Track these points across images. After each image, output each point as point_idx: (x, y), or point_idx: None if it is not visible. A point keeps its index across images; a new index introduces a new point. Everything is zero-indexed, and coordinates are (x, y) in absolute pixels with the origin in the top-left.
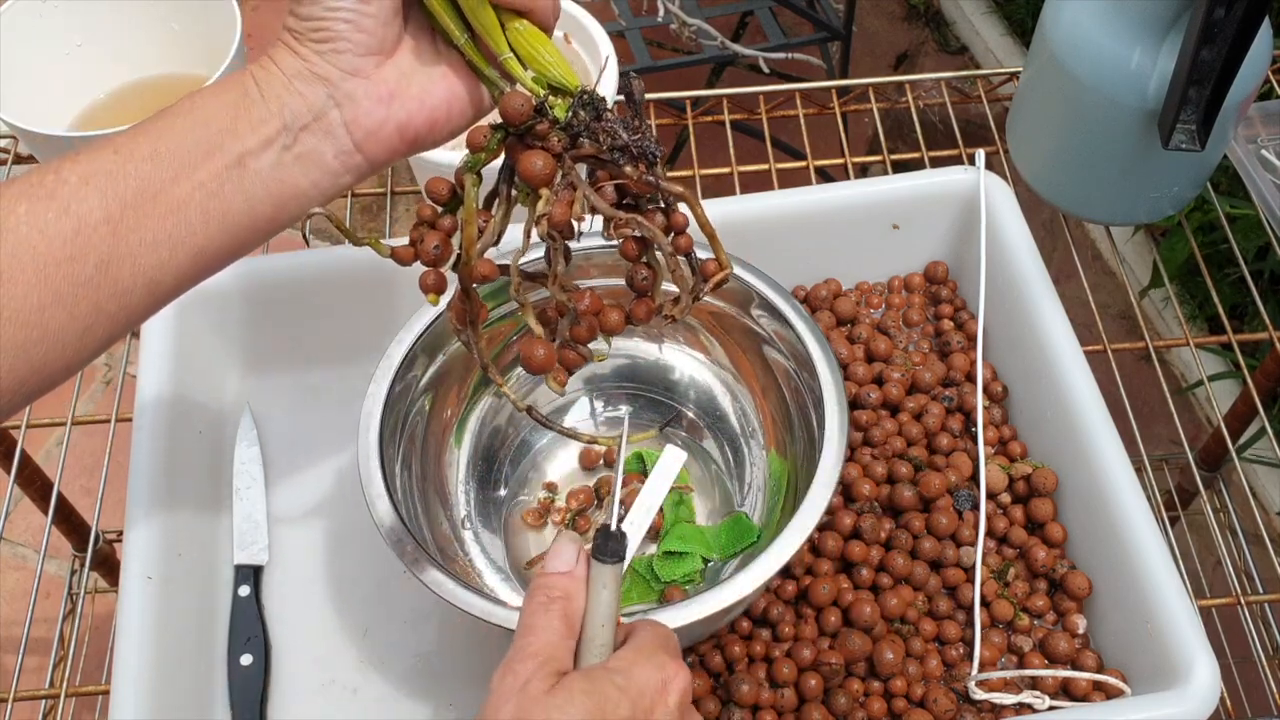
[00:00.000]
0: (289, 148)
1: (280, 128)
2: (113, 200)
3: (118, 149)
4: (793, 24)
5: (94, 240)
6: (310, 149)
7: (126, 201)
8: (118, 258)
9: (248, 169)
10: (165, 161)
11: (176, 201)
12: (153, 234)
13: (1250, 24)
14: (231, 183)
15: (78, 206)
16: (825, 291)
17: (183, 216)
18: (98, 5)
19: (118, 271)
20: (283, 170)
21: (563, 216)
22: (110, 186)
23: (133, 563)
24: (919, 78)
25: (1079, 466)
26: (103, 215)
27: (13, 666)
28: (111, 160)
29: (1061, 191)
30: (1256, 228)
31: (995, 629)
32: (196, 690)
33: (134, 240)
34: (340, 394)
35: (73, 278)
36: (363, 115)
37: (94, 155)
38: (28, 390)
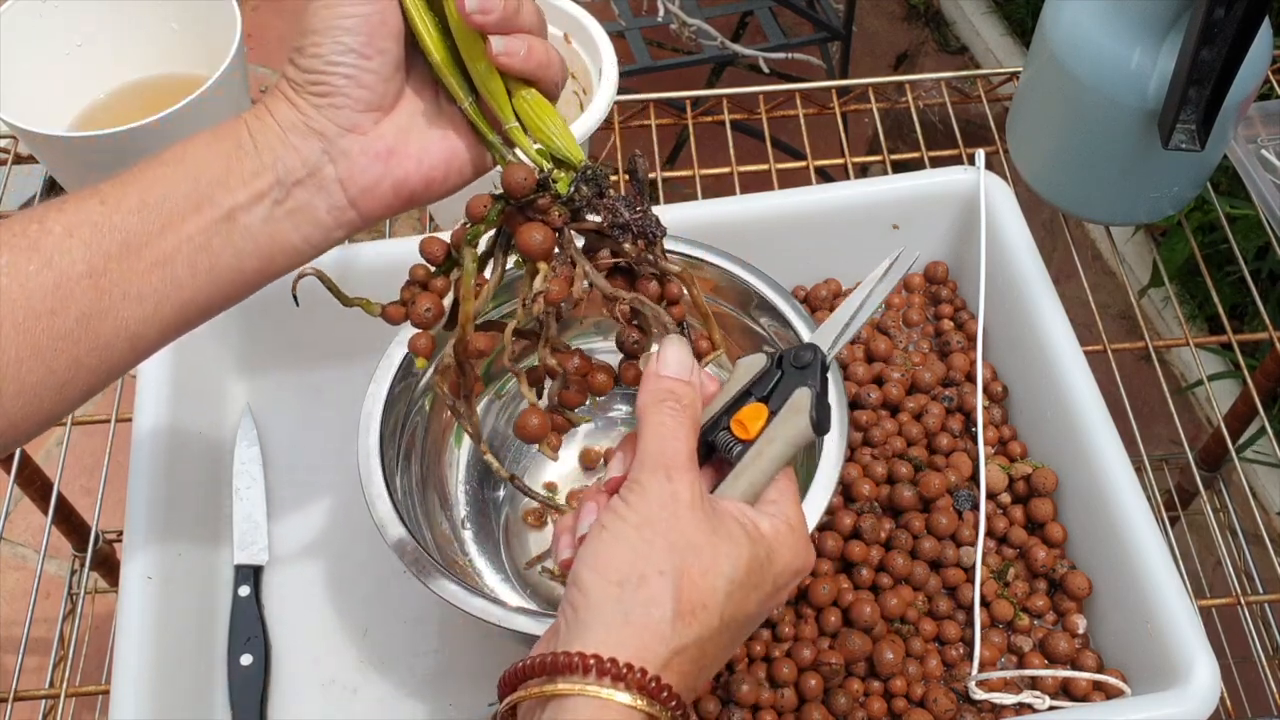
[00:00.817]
0: (280, 202)
1: (273, 182)
2: (97, 253)
3: (104, 199)
4: (793, 24)
5: (75, 293)
6: (302, 204)
7: (111, 254)
8: (99, 311)
9: (237, 223)
10: (153, 213)
11: (163, 255)
12: (137, 288)
13: (1250, 24)
14: (220, 236)
15: (60, 259)
16: (825, 291)
17: (169, 270)
18: (98, 5)
19: (99, 325)
20: (273, 225)
21: (559, 294)
22: (95, 238)
23: (133, 563)
24: (919, 78)
25: (1079, 466)
26: (86, 268)
27: (13, 666)
28: (98, 211)
29: (1061, 191)
30: (1256, 228)
31: (995, 629)
32: (196, 690)
33: (117, 294)
34: (340, 394)
35: (52, 331)
36: (358, 172)
37: (80, 205)
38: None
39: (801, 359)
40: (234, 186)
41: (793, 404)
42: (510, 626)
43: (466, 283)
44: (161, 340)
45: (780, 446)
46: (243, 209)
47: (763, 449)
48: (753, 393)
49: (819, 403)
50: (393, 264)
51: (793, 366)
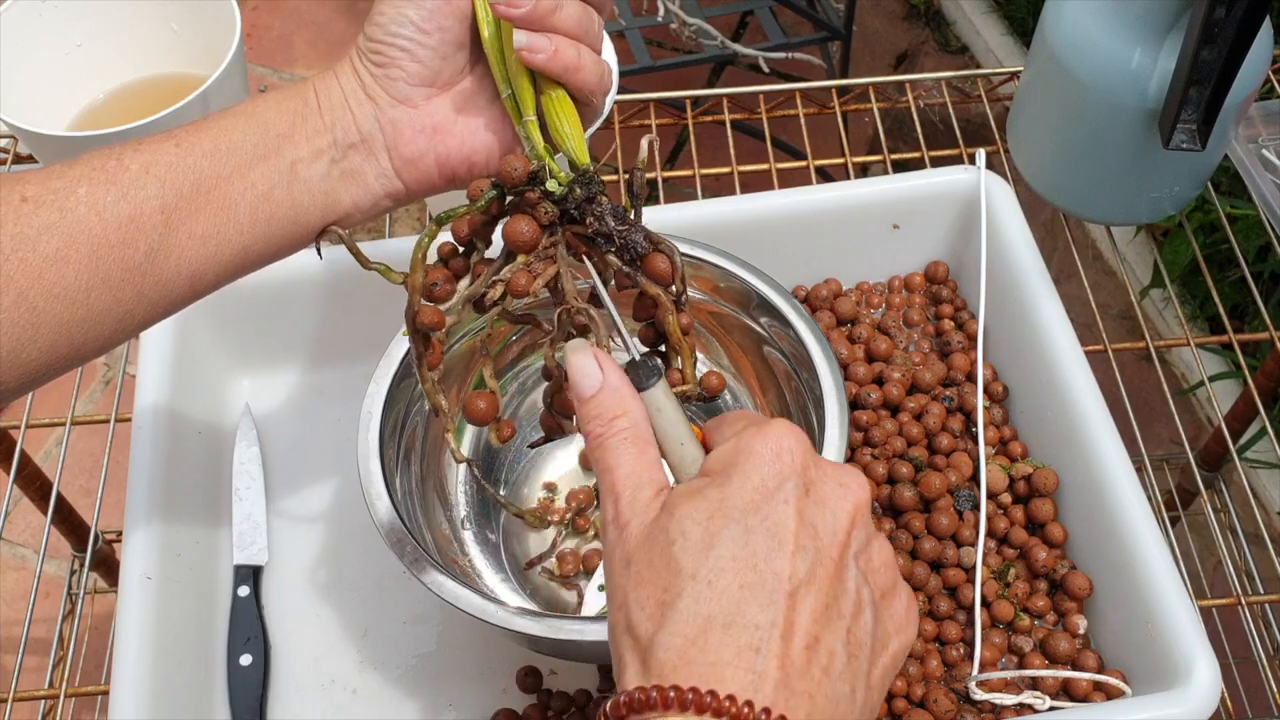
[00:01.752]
0: (337, 161)
1: (331, 142)
2: (170, 191)
3: (179, 142)
4: (793, 23)
5: (147, 228)
6: (355, 167)
7: (182, 194)
8: (166, 248)
9: (298, 176)
10: (224, 159)
11: (229, 199)
12: (203, 228)
13: (1250, 24)
14: (281, 188)
15: (136, 193)
16: (825, 291)
17: (233, 214)
18: (97, 5)
19: (164, 261)
20: (329, 183)
21: (522, 288)
22: (169, 177)
23: (132, 563)
24: (919, 77)
25: (1079, 467)
26: (159, 204)
27: (12, 666)
28: (173, 152)
29: (1062, 191)
30: (1257, 227)
31: (996, 629)
32: (196, 690)
33: (184, 232)
34: (340, 394)
35: (123, 262)
36: (404, 143)
37: (156, 145)
38: (60, 366)
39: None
40: (298, 140)
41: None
42: (510, 627)
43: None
44: (217, 282)
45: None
46: (304, 163)
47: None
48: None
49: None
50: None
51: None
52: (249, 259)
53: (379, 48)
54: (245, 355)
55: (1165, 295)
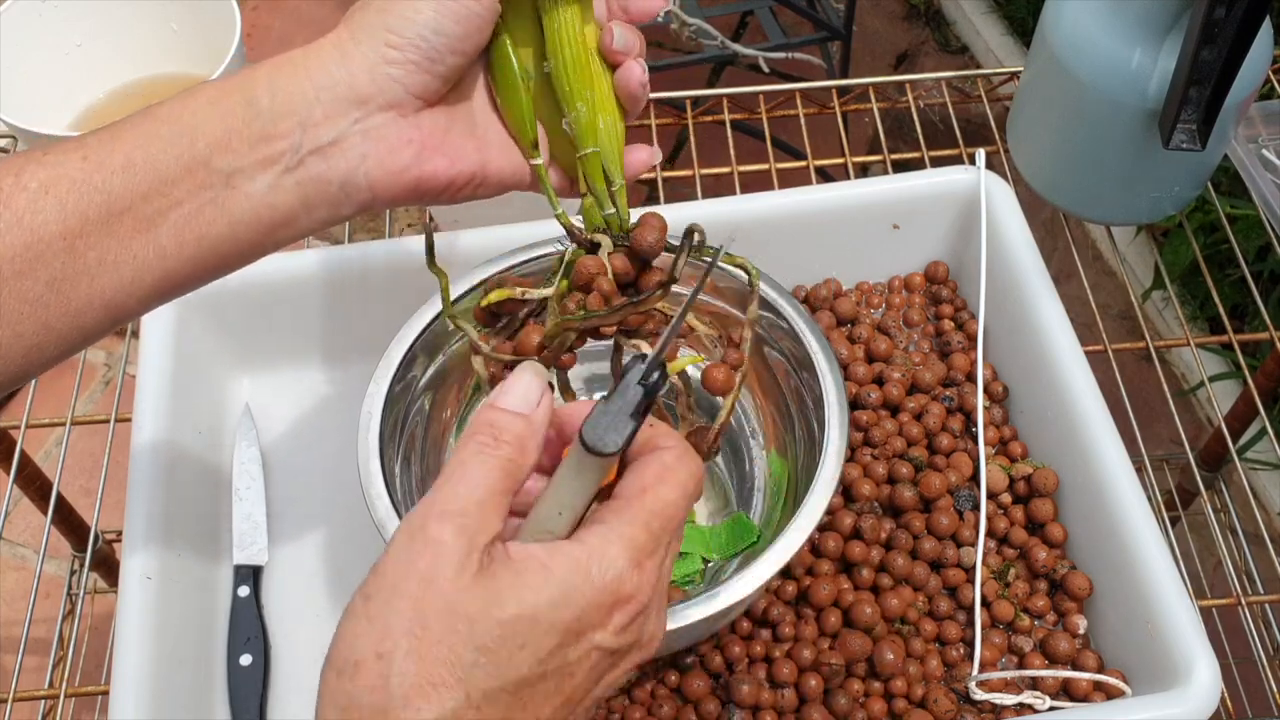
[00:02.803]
0: (291, 170)
1: (288, 148)
2: (73, 214)
3: (87, 154)
4: (793, 23)
5: (46, 256)
6: (316, 175)
7: (89, 217)
8: (72, 276)
9: (237, 190)
10: (140, 174)
11: (146, 220)
12: (115, 254)
13: (1250, 24)
14: (214, 205)
15: (33, 219)
16: (825, 291)
17: (152, 237)
18: (97, 5)
19: (71, 291)
20: (277, 194)
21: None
22: (73, 198)
23: (132, 563)
24: (919, 77)
25: (1079, 467)
26: (60, 230)
27: (12, 666)
28: (78, 167)
29: (1062, 191)
30: (1257, 228)
31: (996, 629)
32: (196, 690)
33: (93, 259)
34: (340, 394)
35: (18, 294)
36: (387, 153)
37: (61, 158)
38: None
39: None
40: (238, 149)
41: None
42: None
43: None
44: (141, 309)
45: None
46: (245, 175)
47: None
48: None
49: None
50: (397, 264)
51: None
52: (175, 283)
53: (401, 44)
54: (245, 355)
55: (1165, 295)
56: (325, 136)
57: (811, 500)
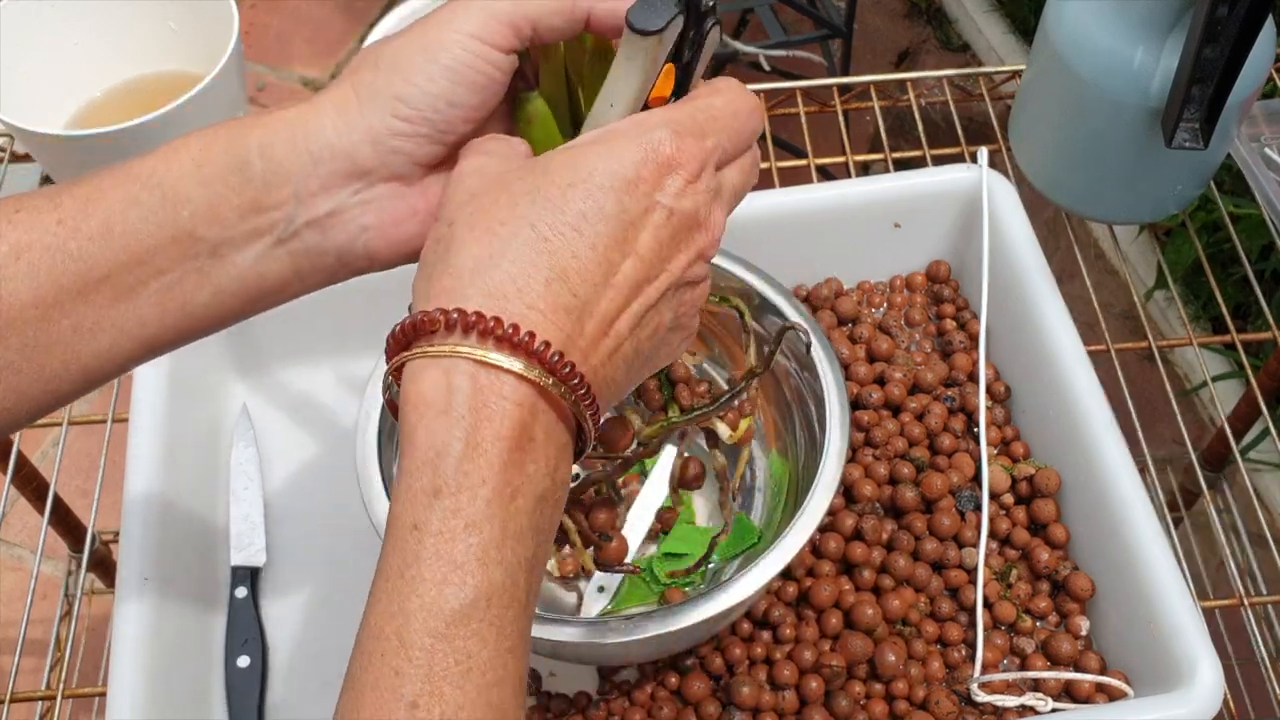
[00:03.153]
0: (284, 242)
1: (281, 219)
2: (47, 282)
3: (62, 218)
4: (794, 21)
5: (18, 324)
6: (310, 246)
7: (63, 285)
8: (46, 344)
9: (223, 260)
10: (118, 242)
11: (126, 289)
12: (92, 322)
13: (1253, 22)
14: (199, 273)
15: (3, 285)
16: (826, 291)
17: (131, 306)
18: (95, 4)
19: (45, 358)
20: (267, 264)
21: None
22: (46, 264)
23: (129, 564)
24: (921, 75)
25: (1082, 467)
26: (32, 298)
27: (9, 668)
28: (54, 232)
29: (1064, 190)
30: (1260, 227)
31: (997, 631)
32: (194, 692)
33: (67, 327)
34: (339, 394)
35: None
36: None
37: (35, 219)
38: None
39: None
40: (226, 218)
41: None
42: None
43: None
44: (118, 372)
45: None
46: (233, 245)
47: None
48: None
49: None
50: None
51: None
52: (155, 348)
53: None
54: (243, 356)
55: (1168, 295)
56: (322, 208)
57: (812, 501)
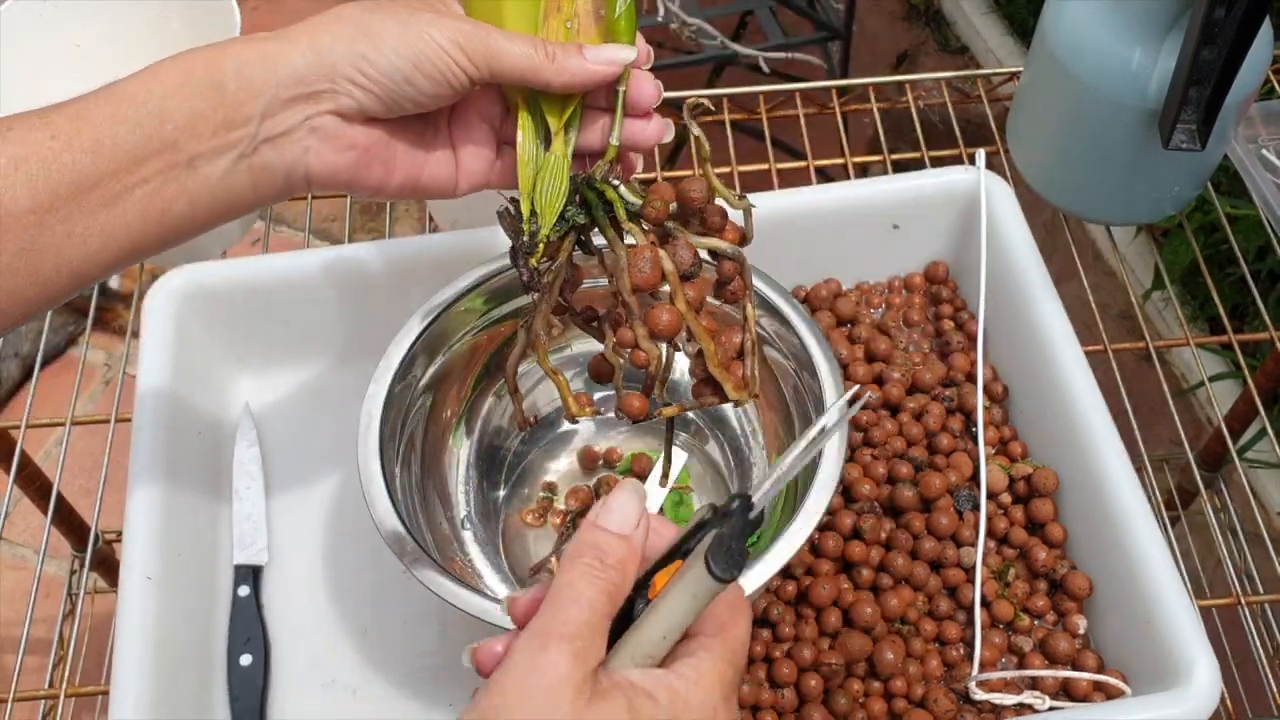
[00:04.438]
0: (246, 157)
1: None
2: (43, 190)
3: (55, 133)
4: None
5: (16, 228)
6: (265, 163)
7: (58, 193)
8: (41, 248)
9: (197, 171)
10: (107, 154)
11: (113, 196)
12: (83, 227)
13: (1250, 24)
14: (176, 183)
15: (3, 193)
16: (825, 291)
17: (117, 212)
18: (97, 5)
19: (39, 260)
20: (232, 178)
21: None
22: (42, 174)
23: (132, 563)
24: (919, 77)
25: (1079, 467)
26: (30, 204)
27: (12, 667)
28: (47, 146)
29: (1062, 191)
30: (1257, 227)
31: (996, 629)
32: (196, 691)
33: (61, 231)
34: (340, 394)
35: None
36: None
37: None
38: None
39: (729, 505)
40: (202, 133)
41: (698, 551)
42: (510, 627)
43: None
44: (105, 275)
45: (674, 598)
46: (206, 158)
47: (657, 604)
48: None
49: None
50: (397, 264)
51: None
52: (138, 251)
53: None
54: (245, 355)
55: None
56: (278, 127)
57: (811, 500)
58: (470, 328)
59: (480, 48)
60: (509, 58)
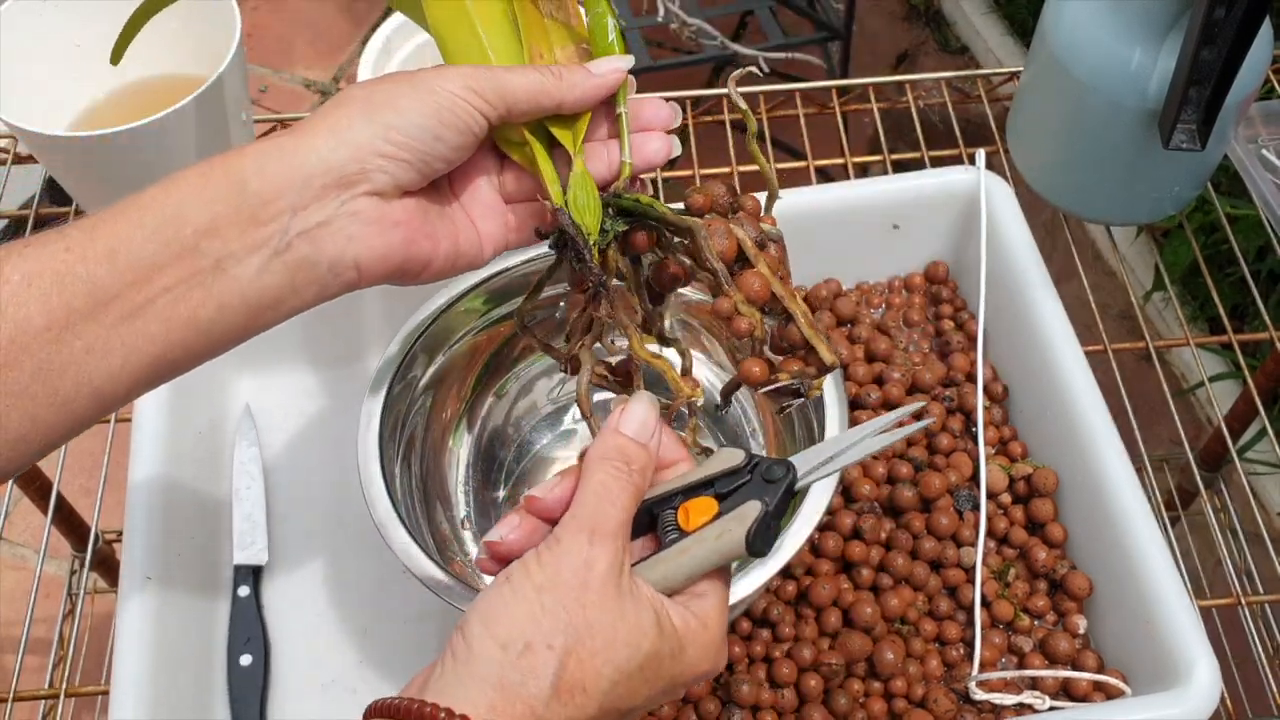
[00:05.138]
0: (280, 254)
1: (276, 231)
2: (58, 305)
3: (70, 245)
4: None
5: (32, 347)
6: (303, 257)
7: (74, 307)
8: (59, 366)
9: (226, 274)
10: (124, 263)
11: (134, 308)
12: (103, 342)
13: (1250, 24)
14: (202, 288)
15: (16, 311)
16: (825, 291)
17: (139, 324)
18: (97, 5)
19: (58, 381)
20: (267, 277)
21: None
22: (56, 289)
23: (132, 563)
24: (919, 77)
25: (1079, 467)
26: (45, 321)
27: (12, 667)
28: (62, 258)
29: (1062, 191)
30: (1257, 228)
31: (996, 629)
32: (196, 690)
33: (79, 348)
34: (340, 394)
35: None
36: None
37: (43, 249)
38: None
39: (773, 473)
40: (226, 234)
41: (739, 514)
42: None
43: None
44: (130, 395)
45: (707, 551)
46: (234, 259)
47: (689, 546)
48: (715, 485)
49: (764, 522)
50: None
51: (762, 477)
52: (164, 368)
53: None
54: (245, 355)
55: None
56: (313, 219)
57: (811, 500)
58: (470, 328)
59: (492, 86)
60: (521, 88)
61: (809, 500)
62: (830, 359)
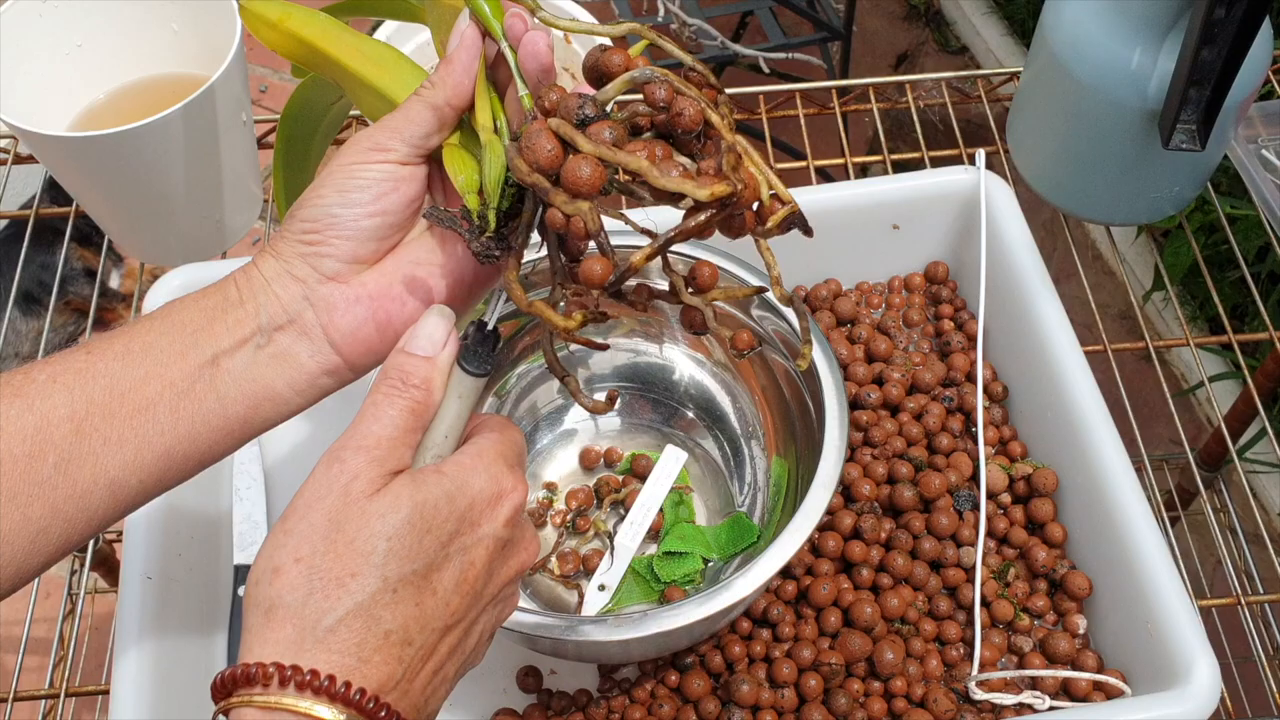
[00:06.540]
0: (263, 347)
1: (255, 328)
2: (79, 398)
3: (90, 350)
4: (793, 24)
5: (55, 438)
6: (285, 349)
7: (94, 400)
8: (79, 456)
9: (221, 368)
10: (136, 359)
11: (145, 400)
12: (118, 432)
13: (1250, 24)
14: (204, 381)
15: (43, 403)
16: (825, 291)
17: (151, 415)
18: (97, 5)
19: (77, 471)
20: (257, 369)
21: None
22: (78, 384)
23: (132, 563)
24: (919, 78)
25: (1079, 467)
26: (68, 413)
27: (13, 666)
28: (82, 359)
29: (1062, 191)
30: (1257, 228)
31: (995, 629)
32: (196, 690)
33: (97, 439)
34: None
35: (29, 476)
36: (339, 316)
37: (66, 356)
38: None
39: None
40: (218, 334)
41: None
42: (510, 626)
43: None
44: (141, 490)
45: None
46: (227, 354)
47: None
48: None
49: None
50: None
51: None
52: (174, 461)
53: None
54: None
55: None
56: (282, 317)
57: (811, 500)
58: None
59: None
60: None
61: (809, 500)
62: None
